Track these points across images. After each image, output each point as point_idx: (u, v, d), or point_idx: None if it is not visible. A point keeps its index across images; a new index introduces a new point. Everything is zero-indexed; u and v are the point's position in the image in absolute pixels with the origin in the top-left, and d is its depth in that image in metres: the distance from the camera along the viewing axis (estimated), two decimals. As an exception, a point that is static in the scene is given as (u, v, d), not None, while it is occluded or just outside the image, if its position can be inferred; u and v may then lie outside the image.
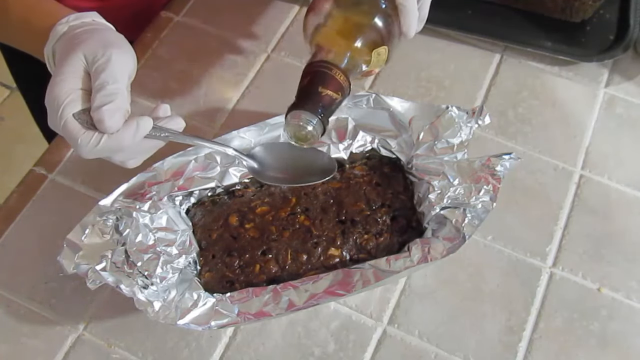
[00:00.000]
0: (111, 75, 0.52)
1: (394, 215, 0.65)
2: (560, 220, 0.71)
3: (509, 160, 0.63)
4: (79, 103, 0.52)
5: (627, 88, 0.81)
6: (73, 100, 0.51)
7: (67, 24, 0.57)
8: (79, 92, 0.52)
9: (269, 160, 0.63)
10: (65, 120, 0.51)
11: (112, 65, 0.52)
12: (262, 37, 0.84)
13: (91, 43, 0.53)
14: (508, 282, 0.68)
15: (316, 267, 0.63)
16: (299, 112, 0.54)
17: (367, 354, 0.64)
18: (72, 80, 0.52)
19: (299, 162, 0.63)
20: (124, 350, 0.64)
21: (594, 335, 0.65)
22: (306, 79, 0.55)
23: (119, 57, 0.53)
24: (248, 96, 0.79)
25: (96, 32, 0.56)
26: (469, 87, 0.80)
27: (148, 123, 0.53)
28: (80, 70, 0.52)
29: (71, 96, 0.51)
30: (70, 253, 0.59)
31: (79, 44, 0.53)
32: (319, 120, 0.54)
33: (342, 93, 0.55)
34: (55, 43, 0.57)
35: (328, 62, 0.55)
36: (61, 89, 0.51)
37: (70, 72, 0.52)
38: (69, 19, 0.57)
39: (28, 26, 0.60)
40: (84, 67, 0.53)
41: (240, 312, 0.58)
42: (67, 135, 0.52)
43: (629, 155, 0.76)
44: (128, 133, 0.52)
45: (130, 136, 0.52)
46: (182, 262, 0.62)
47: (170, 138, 0.55)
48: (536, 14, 0.84)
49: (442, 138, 0.66)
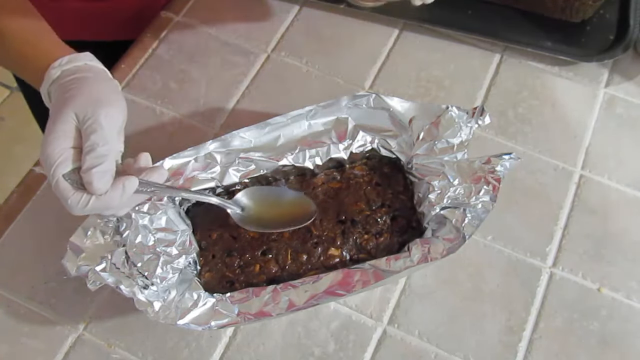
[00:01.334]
0: (101, 137, 0.53)
1: (394, 215, 0.65)
2: (560, 220, 0.71)
3: (509, 160, 0.63)
4: (69, 162, 0.53)
5: (627, 88, 0.81)
6: (64, 160, 0.53)
7: (60, 68, 0.58)
8: (70, 151, 0.53)
9: (252, 207, 0.64)
10: (56, 181, 0.52)
11: (101, 127, 0.53)
12: (262, 37, 0.84)
13: (81, 100, 0.54)
14: (508, 282, 0.68)
15: (316, 267, 0.63)
16: None
17: (367, 354, 0.64)
18: (64, 140, 0.53)
19: (282, 207, 0.65)
20: (124, 350, 0.64)
21: (594, 335, 0.65)
22: None
23: (108, 116, 0.54)
24: (248, 96, 0.79)
25: (87, 84, 0.56)
26: (469, 87, 0.80)
27: (134, 183, 0.54)
28: (71, 129, 0.54)
29: (62, 156, 0.53)
30: (73, 256, 0.59)
31: (70, 100, 0.54)
32: None
33: None
34: (50, 86, 0.58)
35: None
36: (53, 149, 0.53)
37: (62, 130, 0.53)
38: (62, 62, 0.58)
39: (25, 62, 0.62)
40: (75, 125, 0.54)
41: (240, 312, 0.58)
42: (58, 194, 0.53)
43: (629, 155, 0.76)
44: (115, 194, 0.53)
45: (118, 197, 0.53)
46: (182, 262, 0.62)
47: (155, 192, 0.57)
48: (536, 14, 0.84)
49: (442, 138, 0.66)
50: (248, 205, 0.64)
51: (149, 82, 0.80)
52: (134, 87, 0.80)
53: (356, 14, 0.85)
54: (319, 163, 0.68)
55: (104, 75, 0.60)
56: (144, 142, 0.75)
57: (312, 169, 0.68)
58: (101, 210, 0.55)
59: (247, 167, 0.67)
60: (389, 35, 0.84)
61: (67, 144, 0.53)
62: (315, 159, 0.68)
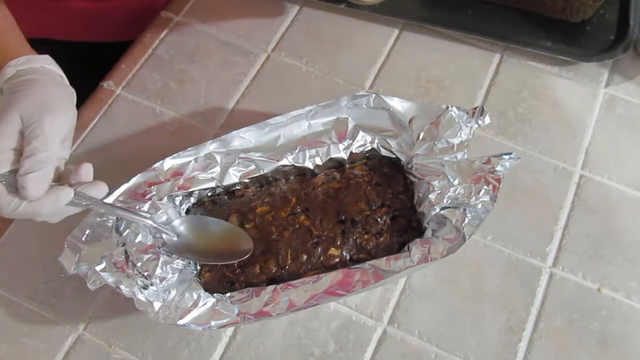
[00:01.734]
0: (43, 143, 0.52)
1: (394, 215, 0.65)
2: (560, 220, 0.71)
3: (509, 160, 0.63)
4: (8, 163, 0.52)
5: (627, 88, 0.81)
6: (2, 161, 0.52)
7: (16, 67, 0.57)
8: (11, 152, 0.52)
9: (189, 234, 0.63)
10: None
11: (44, 132, 0.52)
12: (262, 37, 0.84)
13: (28, 103, 0.54)
14: (508, 282, 0.68)
15: (316, 267, 0.63)
16: None
17: (367, 354, 0.64)
18: (5, 140, 0.52)
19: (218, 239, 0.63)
20: (124, 350, 0.64)
21: (594, 335, 0.65)
22: None
23: (54, 122, 0.53)
24: (248, 96, 0.79)
25: (38, 87, 0.56)
26: (469, 87, 0.80)
27: (69, 194, 0.53)
28: (15, 130, 0.53)
29: (1, 157, 0.52)
30: (70, 254, 0.59)
31: (17, 101, 0.54)
32: None
33: None
34: (3, 83, 0.57)
35: None
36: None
37: (4, 130, 0.52)
38: (18, 62, 0.58)
39: None
40: (19, 127, 0.53)
41: (240, 312, 0.58)
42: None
43: (629, 155, 0.76)
44: (47, 202, 0.52)
45: (49, 205, 0.52)
46: (182, 262, 0.62)
47: (90, 206, 0.55)
48: (536, 14, 0.84)
49: (442, 138, 0.66)
50: (183, 233, 0.63)
51: (149, 82, 0.80)
52: (134, 87, 0.80)
53: (356, 14, 0.85)
54: (319, 163, 0.68)
55: (59, 80, 0.59)
56: (144, 142, 0.75)
57: (312, 169, 0.68)
58: (31, 216, 0.53)
59: (247, 167, 0.67)
60: (389, 35, 0.84)
61: (7, 145, 0.52)
62: (315, 159, 0.68)
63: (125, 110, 0.78)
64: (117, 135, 0.75)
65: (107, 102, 0.78)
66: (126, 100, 0.79)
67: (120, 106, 0.78)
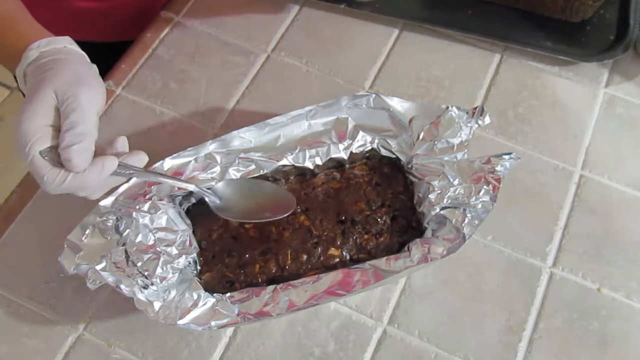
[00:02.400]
0: (81, 116, 0.52)
1: (394, 215, 0.65)
2: (560, 220, 0.71)
3: (509, 160, 0.63)
4: (47, 140, 0.52)
5: (627, 88, 0.81)
6: (41, 137, 0.52)
7: (39, 50, 0.57)
8: (49, 129, 0.53)
9: (230, 197, 0.64)
10: (32, 158, 0.52)
11: (81, 106, 0.53)
12: (262, 37, 0.84)
13: (61, 79, 0.54)
14: (508, 282, 0.68)
15: (316, 267, 0.63)
16: None
17: (367, 354, 0.64)
18: (41, 117, 0.52)
19: (259, 198, 0.64)
20: (124, 350, 0.64)
21: (594, 335, 0.65)
22: None
23: (88, 96, 0.54)
24: (248, 96, 0.79)
25: (67, 65, 0.56)
26: (469, 87, 0.80)
27: (113, 163, 0.53)
28: (50, 106, 0.53)
29: (39, 133, 0.52)
30: (70, 254, 0.59)
31: (50, 78, 0.54)
32: None
33: None
34: (26, 67, 0.57)
35: None
36: (29, 126, 0.52)
37: (40, 108, 0.53)
38: (41, 44, 0.57)
39: (1, 47, 0.61)
40: (54, 103, 0.53)
41: (240, 312, 0.58)
42: (34, 171, 0.52)
43: (629, 155, 0.76)
44: (93, 173, 0.53)
45: (95, 176, 0.53)
46: (182, 262, 0.62)
47: (134, 175, 0.57)
48: (536, 14, 0.84)
49: (442, 138, 0.66)
50: (227, 195, 0.64)
51: (149, 82, 0.80)
52: (134, 87, 0.80)
53: (356, 14, 0.85)
54: (319, 163, 0.68)
55: (83, 59, 0.59)
56: (144, 142, 0.75)
57: (312, 169, 0.68)
58: (76, 190, 0.54)
59: (247, 167, 0.67)
60: (389, 35, 0.84)
61: (44, 122, 0.52)
62: (315, 159, 0.68)
63: (125, 110, 0.78)
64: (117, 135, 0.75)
65: (107, 102, 0.78)
66: (126, 100, 0.79)
67: (120, 106, 0.78)
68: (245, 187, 0.65)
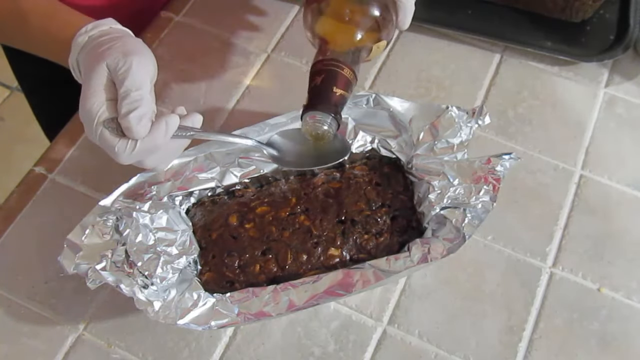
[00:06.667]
0: (133, 83, 0.53)
1: (394, 215, 0.65)
2: (560, 220, 0.71)
3: (509, 160, 0.63)
4: (110, 113, 0.54)
5: (627, 88, 0.81)
6: (104, 112, 0.53)
7: (87, 34, 0.58)
8: (110, 102, 0.54)
9: (287, 147, 0.65)
10: (100, 132, 0.53)
11: (133, 72, 0.53)
12: (262, 37, 0.84)
13: (112, 52, 0.55)
14: (508, 282, 0.68)
15: (316, 267, 0.63)
16: (314, 113, 0.57)
17: (367, 354, 0.64)
18: (100, 94, 0.54)
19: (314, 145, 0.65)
20: (124, 350, 0.64)
21: (594, 335, 0.65)
22: (318, 78, 0.57)
23: (140, 63, 0.54)
24: (248, 96, 0.79)
25: (116, 40, 0.57)
26: (469, 87, 0.80)
27: (175, 120, 0.55)
28: (105, 81, 0.54)
29: (101, 109, 0.53)
30: (70, 253, 0.59)
31: (102, 55, 0.55)
32: (333, 118, 0.57)
33: (351, 90, 0.58)
34: (78, 54, 0.58)
35: (338, 61, 0.57)
36: (93, 103, 0.53)
37: (98, 84, 0.54)
38: (87, 29, 0.59)
39: (48, 37, 0.62)
40: (108, 76, 0.54)
41: (240, 312, 0.58)
42: (104, 145, 0.54)
43: (629, 155, 0.76)
44: (159, 133, 0.54)
45: (162, 135, 0.54)
46: (182, 262, 0.62)
47: (195, 136, 0.58)
48: (536, 14, 0.84)
49: (442, 138, 0.66)
50: (284, 146, 0.64)
51: (149, 82, 0.80)
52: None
53: (356, 14, 0.85)
54: (319, 163, 0.68)
55: (130, 34, 0.60)
56: (144, 142, 0.75)
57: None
58: (148, 155, 0.55)
59: (247, 167, 0.67)
60: (389, 35, 0.84)
61: (104, 97, 0.54)
62: (315, 159, 0.68)
63: (125, 110, 0.78)
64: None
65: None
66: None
67: (120, 106, 0.78)
68: (299, 137, 0.64)
